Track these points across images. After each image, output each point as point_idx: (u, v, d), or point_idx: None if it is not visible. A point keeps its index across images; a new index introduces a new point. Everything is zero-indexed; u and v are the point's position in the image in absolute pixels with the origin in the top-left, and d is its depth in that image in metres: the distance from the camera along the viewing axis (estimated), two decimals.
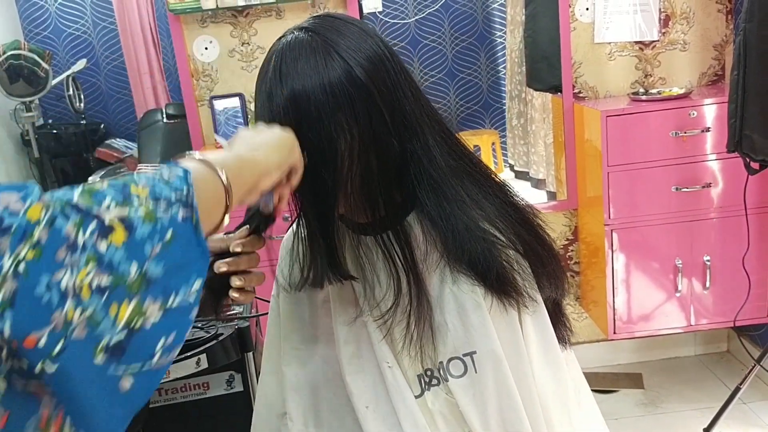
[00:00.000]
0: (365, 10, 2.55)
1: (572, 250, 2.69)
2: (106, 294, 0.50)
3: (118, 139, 4.60)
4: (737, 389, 2.06)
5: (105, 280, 0.50)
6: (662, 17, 2.49)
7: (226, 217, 0.63)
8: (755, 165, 1.92)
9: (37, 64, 4.10)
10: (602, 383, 2.63)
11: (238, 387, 1.61)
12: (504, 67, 3.36)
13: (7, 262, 0.45)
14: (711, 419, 2.11)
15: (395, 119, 0.80)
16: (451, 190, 0.82)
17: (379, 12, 3.17)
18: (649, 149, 2.25)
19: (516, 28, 3.01)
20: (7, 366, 0.46)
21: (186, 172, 0.58)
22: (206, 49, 2.48)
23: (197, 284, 0.56)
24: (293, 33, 0.81)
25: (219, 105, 2.51)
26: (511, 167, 3.16)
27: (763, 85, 1.81)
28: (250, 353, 1.53)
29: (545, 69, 2.69)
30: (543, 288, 0.87)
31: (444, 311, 0.84)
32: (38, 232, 0.47)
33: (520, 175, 3.05)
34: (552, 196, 2.76)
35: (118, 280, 0.51)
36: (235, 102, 2.50)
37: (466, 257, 0.81)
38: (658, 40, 2.51)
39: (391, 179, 0.83)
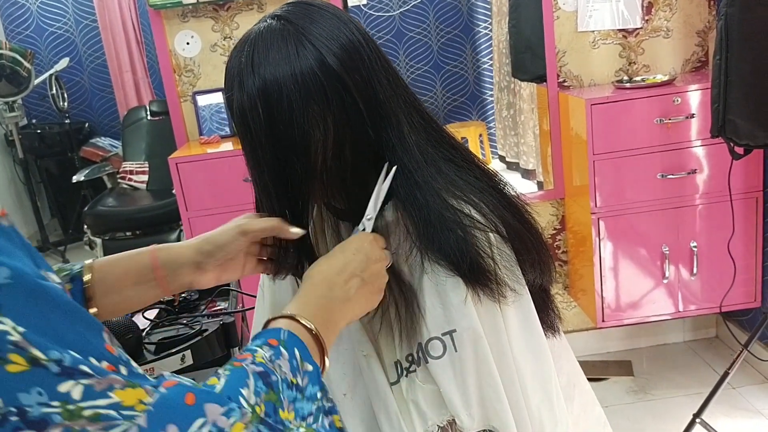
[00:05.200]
0: (350, 3, 2.53)
1: (560, 240, 2.69)
2: None
3: (102, 138, 4.57)
4: (726, 374, 2.07)
5: None
6: (645, 4, 2.49)
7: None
8: (739, 150, 1.92)
9: (19, 63, 4.06)
10: (592, 371, 2.64)
11: None
12: (490, 59, 3.36)
13: None
14: (701, 404, 2.12)
15: (370, 108, 0.79)
16: (425, 178, 0.81)
17: (363, 5, 3.16)
18: (634, 137, 2.25)
19: (502, 18, 3.01)
20: None
21: (318, 374, 0.64)
22: (188, 44, 2.46)
23: None
24: (266, 21, 0.79)
25: (202, 100, 2.49)
26: (502, 158, 3.16)
27: (745, 69, 1.81)
28: (236, 348, 1.52)
29: (530, 59, 2.69)
30: (526, 274, 0.86)
31: (423, 294, 0.83)
32: None
33: (512, 166, 3.05)
34: (541, 186, 2.76)
35: None
36: (218, 97, 2.48)
37: (437, 246, 0.80)
38: (641, 28, 2.51)
39: (367, 168, 0.82)
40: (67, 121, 4.47)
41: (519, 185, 2.21)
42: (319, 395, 0.62)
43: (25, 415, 0.39)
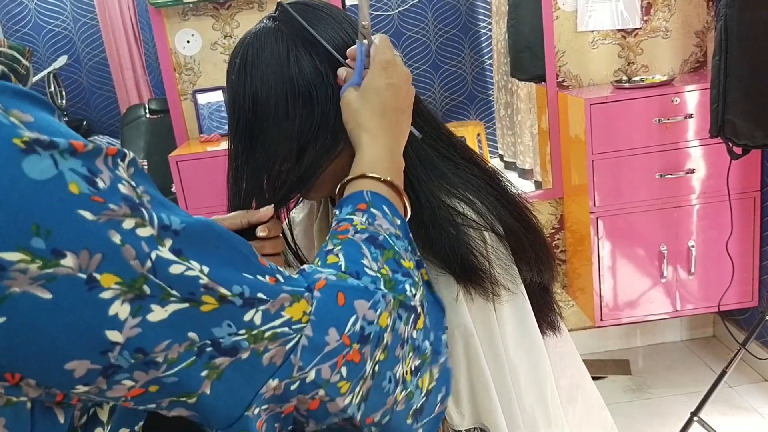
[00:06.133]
0: (348, 2, 2.54)
1: (558, 239, 2.70)
2: (419, 373, 0.59)
3: (100, 136, 4.56)
4: (723, 373, 2.08)
5: (418, 362, 0.59)
6: (644, 5, 2.50)
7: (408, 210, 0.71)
8: (738, 150, 1.93)
9: (17, 61, 4.05)
10: (590, 370, 2.61)
11: None
12: (489, 58, 3.37)
13: (369, 366, 0.53)
14: (698, 403, 2.13)
15: None
16: (418, 176, 0.81)
17: None
18: (632, 137, 2.26)
19: (501, 18, 3.02)
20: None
21: (406, 226, 0.66)
22: (188, 42, 2.46)
23: (444, 337, 0.65)
24: (263, 21, 0.80)
25: (202, 99, 2.49)
26: (501, 158, 3.16)
27: (744, 69, 1.82)
28: None
29: (529, 58, 2.69)
30: (523, 272, 0.86)
31: None
32: (386, 336, 0.55)
33: (509, 166, 3.06)
34: (539, 185, 2.77)
35: (423, 359, 0.60)
36: (218, 95, 2.48)
37: (428, 244, 0.79)
38: (640, 28, 2.52)
39: None
40: (65, 118, 4.47)
41: (516, 185, 2.22)
42: (410, 248, 0.64)
43: (219, 345, 0.44)
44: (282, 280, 0.51)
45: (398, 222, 0.65)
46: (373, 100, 0.73)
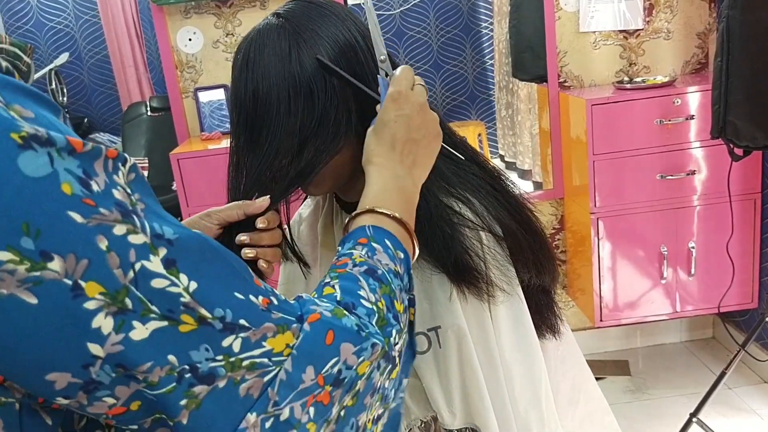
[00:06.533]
0: (350, 1, 2.54)
1: (559, 239, 2.70)
2: (379, 422, 0.58)
3: (101, 133, 4.56)
4: (722, 374, 2.08)
5: (380, 411, 0.58)
6: (646, 6, 2.50)
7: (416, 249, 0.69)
8: (739, 151, 1.93)
9: (18, 57, 4.05)
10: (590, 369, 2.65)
11: None
12: (490, 58, 3.37)
13: (335, 410, 0.51)
14: (697, 404, 2.13)
15: (364, 109, 0.79)
16: None
17: (363, 3, 3.16)
18: (633, 137, 2.26)
19: (503, 18, 3.02)
20: None
21: (408, 261, 0.64)
22: (190, 40, 2.46)
23: (406, 381, 0.63)
24: (267, 19, 0.81)
25: (204, 97, 2.49)
26: (501, 158, 3.16)
27: (746, 71, 1.82)
28: None
29: (530, 59, 2.69)
30: (520, 274, 0.85)
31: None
32: (360, 384, 0.53)
33: (510, 166, 3.06)
34: (538, 186, 2.77)
35: (386, 408, 0.58)
36: (219, 94, 2.48)
37: (422, 242, 0.79)
38: (642, 29, 2.52)
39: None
40: (66, 116, 4.47)
41: (518, 185, 2.22)
42: (408, 286, 0.63)
43: (197, 371, 0.42)
44: (276, 303, 0.50)
45: (401, 256, 0.64)
46: (382, 133, 0.72)
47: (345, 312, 0.54)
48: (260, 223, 0.77)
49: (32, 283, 0.37)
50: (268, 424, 0.47)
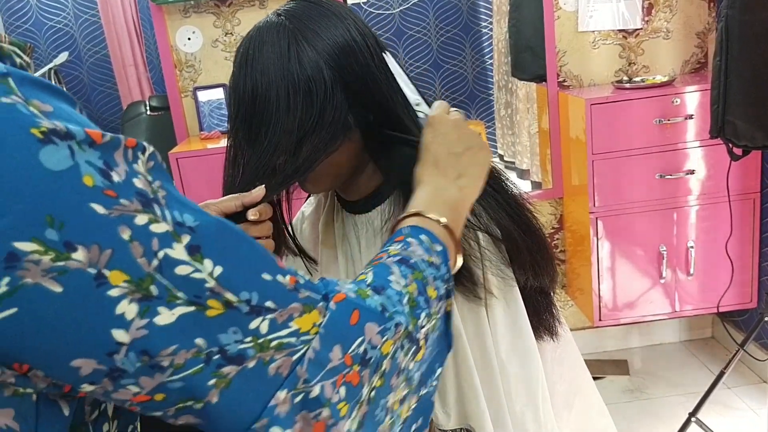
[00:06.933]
0: (349, 0, 2.54)
1: (558, 239, 2.70)
2: (404, 403, 0.58)
3: None
4: (721, 374, 2.08)
5: (405, 392, 0.58)
6: (645, 5, 2.50)
7: (458, 260, 0.69)
8: (738, 151, 1.93)
9: (18, 56, 4.05)
10: (588, 370, 2.65)
11: None
12: (490, 58, 3.36)
13: (365, 391, 0.52)
14: (696, 404, 2.13)
15: (363, 106, 0.79)
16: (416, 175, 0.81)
17: (363, 2, 3.16)
18: (633, 137, 2.26)
19: (502, 18, 3.02)
20: None
21: (446, 253, 0.64)
22: (189, 39, 2.46)
23: (440, 371, 0.63)
24: (268, 17, 0.81)
25: (203, 96, 2.49)
26: (501, 158, 3.16)
27: (745, 71, 1.82)
28: None
29: (530, 58, 2.69)
30: (517, 275, 0.85)
31: None
32: (386, 364, 0.54)
33: (509, 166, 3.06)
34: (537, 185, 2.77)
35: (410, 389, 0.59)
36: (218, 93, 2.48)
37: None
38: (641, 29, 2.52)
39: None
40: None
41: (517, 185, 2.22)
42: (446, 277, 0.63)
43: (226, 353, 0.43)
44: (302, 282, 0.50)
45: (437, 248, 0.64)
46: (425, 157, 0.75)
47: (369, 293, 0.55)
48: (251, 215, 0.77)
49: (57, 273, 0.37)
50: (297, 400, 0.48)
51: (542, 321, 0.92)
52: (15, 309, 0.37)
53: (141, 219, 0.41)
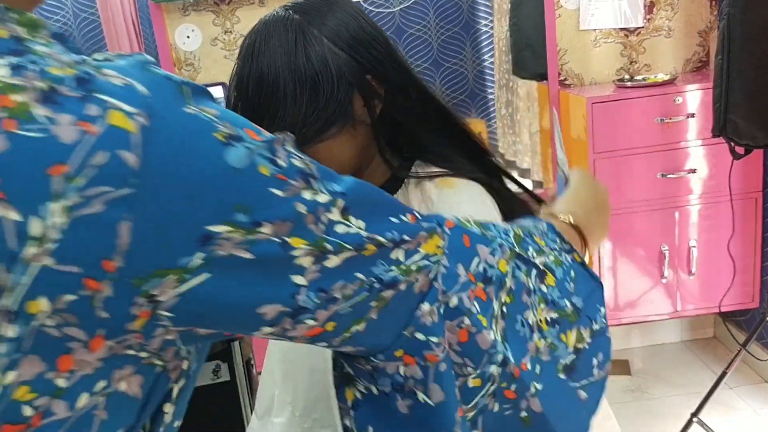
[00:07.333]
0: None
1: None
2: (557, 326, 0.62)
3: None
4: (723, 374, 2.07)
5: (554, 314, 0.62)
6: (647, 3, 2.49)
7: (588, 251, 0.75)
8: (740, 150, 1.92)
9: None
10: None
11: (225, 377, 1.59)
12: (490, 56, 3.35)
13: (496, 306, 0.58)
14: (698, 404, 2.12)
15: (369, 104, 0.79)
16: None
17: (363, 0, 3.15)
18: (634, 136, 2.25)
19: (503, 16, 3.00)
20: (495, 387, 0.58)
21: (551, 225, 0.70)
22: (188, 37, 2.45)
23: (603, 309, 0.68)
24: (276, 10, 0.81)
25: None
26: (502, 156, 3.15)
27: (747, 69, 1.81)
28: (236, 342, 1.52)
29: (530, 57, 2.68)
30: None
31: None
32: (509, 281, 0.59)
33: (510, 165, 3.05)
34: (538, 184, 2.76)
35: (562, 314, 0.63)
36: (218, 91, 2.47)
37: None
38: (642, 27, 2.51)
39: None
40: None
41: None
42: (558, 240, 0.68)
43: (381, 280, 0.52)
44: (420, 216, 0.58)
45: (543, 226, 0.69)
46: (572, 199, 0.80)
47: (469, 222, 0.61)
48: None
49: (248, 244, 0.44)
50: (441, 310, 0.56)
51: None
52: (209, 275, 0.43)
53: (307, 194, 0.48)
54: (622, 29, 2.51)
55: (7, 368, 0.39)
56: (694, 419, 2.12)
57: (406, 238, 0.54)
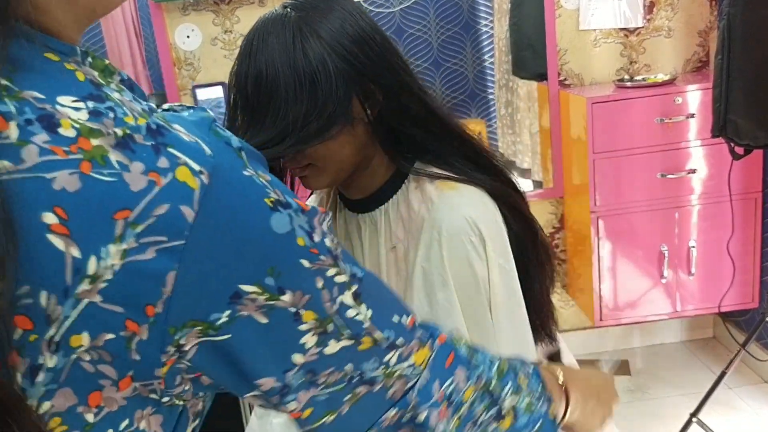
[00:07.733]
0: None
1: (558, 238, 2.69)
2: None
3: None
4: (723, 374, 2.07)
5: None
6: (647, 3, 2.49)
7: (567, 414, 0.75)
8: (740, 150, 1.92)
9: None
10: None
11: None
12: (490, 56, 3.35)
13: (448, 428, 0.60)
14: (697, 404, 2.12)
15: (367, 102, 0.80)
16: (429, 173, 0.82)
17: (363, 0, 3.15)
18: (634, 136, 2.25)
19: (503, 16, 3.00)
20: None
21: (536, 370, 0.70)
22: (188, 37, 2.45)
23: None
24: (275, 9, 0.81)
25: (201, 94, 2.48)
26: (502, 156, 3.16)
27: (747, 69, 1.81)
28: None
29: (531, 57, 2.68)
30: (519, 275, 0.86)
31: (413, 288, 0.84)
32: (463, 409, 0.61)
33: (510, 165, 3.05)
34: (538, 185, 2.76)
35: None
36: (218, 91, 2.47)
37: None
38: (642, 27, 2.51)
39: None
40: None
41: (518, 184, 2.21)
42: (540, 388, 0.68)
43: (363, 376, 0.54)
44: (418, 321, 0.60)
45: (529, 370, 0.69)
46: (579, 379, 0.79)
47: (462, 343, 0.63)
48: None
49: (267, 309, 0.46)
50: (405, 419, 0.58)
51: (540, 320, 0.92)
52: (230, 335, 0.45)
53: (331, 272, 0.50)
54: (622, 29, 2.51)
55: (43, 398, 0.40)
56: (694, 419, 2.12)
57: (399, 342, 0.56)
